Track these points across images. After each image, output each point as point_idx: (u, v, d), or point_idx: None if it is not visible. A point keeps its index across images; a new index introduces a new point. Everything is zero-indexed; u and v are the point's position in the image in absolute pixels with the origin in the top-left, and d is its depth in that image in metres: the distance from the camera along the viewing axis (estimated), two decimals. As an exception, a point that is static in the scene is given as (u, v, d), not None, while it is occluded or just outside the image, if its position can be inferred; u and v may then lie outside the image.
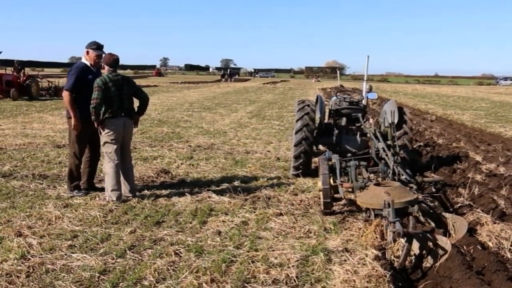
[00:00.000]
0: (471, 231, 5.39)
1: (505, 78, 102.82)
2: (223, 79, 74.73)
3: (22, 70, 24.34)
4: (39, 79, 26.52)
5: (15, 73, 24.06)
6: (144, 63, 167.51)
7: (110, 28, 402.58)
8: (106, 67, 6.62)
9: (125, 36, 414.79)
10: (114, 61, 6.64)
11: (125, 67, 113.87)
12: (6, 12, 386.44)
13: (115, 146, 6.57)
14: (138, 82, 7.20)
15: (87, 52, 6.88)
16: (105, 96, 6.42)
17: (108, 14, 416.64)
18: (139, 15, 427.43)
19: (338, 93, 10.31)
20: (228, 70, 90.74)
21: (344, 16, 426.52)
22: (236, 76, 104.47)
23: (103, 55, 6.82)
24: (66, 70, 8.08)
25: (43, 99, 24.43)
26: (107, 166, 6.64)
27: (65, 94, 6.74)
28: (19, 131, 12.75)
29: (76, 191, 6.90)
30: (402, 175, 6.20)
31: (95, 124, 6.55)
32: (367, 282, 4.20)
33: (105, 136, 6.56)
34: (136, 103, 6.91)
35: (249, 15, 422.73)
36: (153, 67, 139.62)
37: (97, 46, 6.87)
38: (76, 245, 4.97)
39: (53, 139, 11.68)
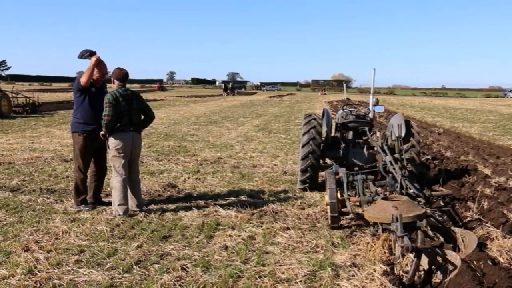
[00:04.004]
0: (481, 246, 5.33)
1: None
2: (226, 93, 69.43)
3: None
4: (14, 95, 24.61)
5: None
6: (150, 77, 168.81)
7: (117, 42, 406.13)
8: (116, 82, 6.66)
9: (132, 50, 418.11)
10: (123, 76, 6.68)
11: (132, 81, 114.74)
12: (15, 27, 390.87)
13: (123, 161, 6.58)
14: (144, 96, 7.21)
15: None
16: (116, 111, 6.44)
17: (116, 28, 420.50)
18: (146, 29, 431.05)
19: (345, 107, 10.31)
20: (230, 83, 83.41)
21: (350, 29, 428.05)
22: (243, 90, 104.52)
23: (105, 66, 6.89)
24: (73, 84, 8.13)
25: (19, 116, 22.30)
26: (114, 180, 6.64)
27: (83, 80, 6.69)
28: (27, 146, 12.82)
29: (83, 205, 6.90)
30: (410, 189, 6.15)
31: (103, 136, 6.57)
32: (376, 298, 4.15)
33: (113, 150, 6.57)
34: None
35: (255, 28, 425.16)
36: (160, 81, 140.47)
37: (90, 53, 6.79)
38: (83, 260, 4.96)
39: (60, 153, 11.73)
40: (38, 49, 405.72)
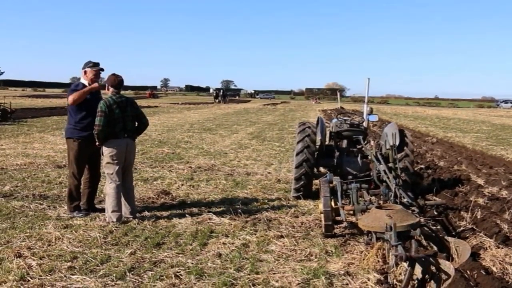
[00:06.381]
0: (475, 255, 5.35)
1: (506, 101, 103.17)
2: (217, 101, 67.04)
3: None
4: None
5: None
6: (145, 83, 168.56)
7: (111, 48, 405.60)
8: (111, 89, 6.64)
9: (126, 56, 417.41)
10: (118, 83, 6.67)
11: (125, 87, 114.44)
12: (9, 32, 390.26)
13: (116, 167, 6.55)
14: (138, 102, 7.20)
15: (85, 72, 6.92)
16: (109, 119, 6.42)
17: (110, 34, 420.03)
18: (141, 36, 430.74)
19: (339, 115, 10.34)
20: (222, 91, 78.21)
21: (344, 38, 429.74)
22: (237, 97, 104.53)
23: (101, 73, 6.94)
24: (67, 90, 8.16)
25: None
26: (108, 187, 6.61)
27: (70, 100, 6.74)
28: (20, 151, 12.75)
29: (76, 211, 6.87)
30: (404, 198, 6.16)
31: (97, 143, 6.55)
32: (370, 306, 4.14)
33: (107, 157, 6.55)
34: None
35: (250, 36, 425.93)
36: (152, 88, 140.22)
37: (93, 64, 6.92)
38: (76, 267, 4.93)
39: (53, 159, 11.68)
40: (32, 54, 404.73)
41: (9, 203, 7.33)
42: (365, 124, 9.74)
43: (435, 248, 5.28)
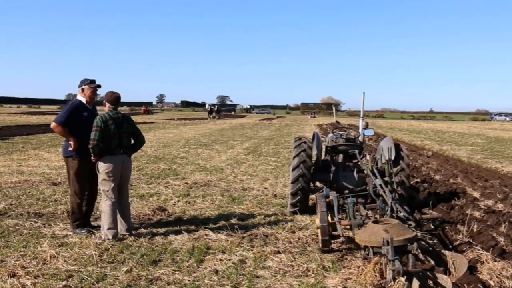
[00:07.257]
0: (472, 269, 5.33)
1: (500, 114, 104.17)
2: (211, 116, 65.60)
3: None
4: None
5: None
6: (140, 99, 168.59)
7: (106, 64, 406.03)
8: (107, 105, 6.66)
9: (122, 72, 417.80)
10: (115, 99, 6.68)
11: (121, 103, 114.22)
12: (3, 49, 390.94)
13: (112, 184, 6.53)
14: (133, 119, 7.20)
15: (82, 90, 6.93)
16: (104, 135, 6.42)
17: (105, 51, 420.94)
18: (136, 52, 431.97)
19: (335, 130, 10.36)
20: (216, 106, 77.88)
21: (339, 53, 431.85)
22: (232, 112, 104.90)
23: (98, 90, 6.96)
24: (63, 106, 8.19)
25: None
26: (104, 204, 6.58)
27: (53, 125, 6.78)
28: (15, 169, 12.68)
29: (79, 229, 6.82)
30: (400, 212, 6.17)
31: (92, 158, 6.53)
32: (368, 322, 4.12)
33: (103, 173, 6.53)
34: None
35: (245, 52, 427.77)
36: (147, 103, 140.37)
37: (90, 81, 6.95)
38: (71, 286, 4.88)
39: (48, 176, 11.62)
40: (27, 71, 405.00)
41: (3, 222, 7.27)
42: (360, 138, 9.76)
43: (432, 262, 5.27)
